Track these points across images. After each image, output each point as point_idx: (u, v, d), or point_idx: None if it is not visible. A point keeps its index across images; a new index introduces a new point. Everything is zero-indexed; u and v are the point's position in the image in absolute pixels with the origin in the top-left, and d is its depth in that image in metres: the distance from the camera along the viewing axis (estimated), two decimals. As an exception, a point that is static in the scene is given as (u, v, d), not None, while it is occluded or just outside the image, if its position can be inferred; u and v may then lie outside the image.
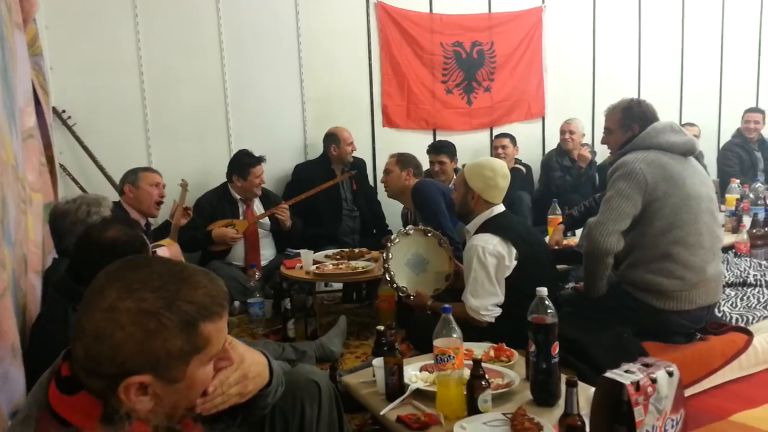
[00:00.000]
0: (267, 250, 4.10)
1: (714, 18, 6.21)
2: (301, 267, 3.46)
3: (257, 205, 4.12)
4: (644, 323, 2.55)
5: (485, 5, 5.25)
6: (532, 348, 1.84)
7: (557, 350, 1.82)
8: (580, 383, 1.62)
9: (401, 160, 3.72)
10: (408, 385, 1.92)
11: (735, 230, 3.89)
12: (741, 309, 2.93)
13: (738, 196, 4.23)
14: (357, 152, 4.58)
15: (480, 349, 2.18)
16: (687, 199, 2.53)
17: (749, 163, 5.61)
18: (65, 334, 1.00)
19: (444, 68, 5.14)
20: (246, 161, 3.98)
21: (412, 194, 3.55)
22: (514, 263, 2.54)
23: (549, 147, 5.46)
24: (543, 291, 1.86)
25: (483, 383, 1.75)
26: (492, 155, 4.96)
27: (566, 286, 3.11)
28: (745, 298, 3.04)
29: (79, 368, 0.97)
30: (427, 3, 5.03)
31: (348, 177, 4.43)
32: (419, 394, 1.90)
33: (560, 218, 3.55)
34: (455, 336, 1.81)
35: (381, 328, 2.27)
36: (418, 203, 3.54)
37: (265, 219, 4.06)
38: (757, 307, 2.93)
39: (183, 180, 3.84)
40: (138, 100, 4.16)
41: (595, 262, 2.58)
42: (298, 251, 3.61)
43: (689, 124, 5.37)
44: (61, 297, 1.77)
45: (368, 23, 4.85)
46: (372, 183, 4.85)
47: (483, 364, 1.82)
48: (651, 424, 1.49)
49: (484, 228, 2.61)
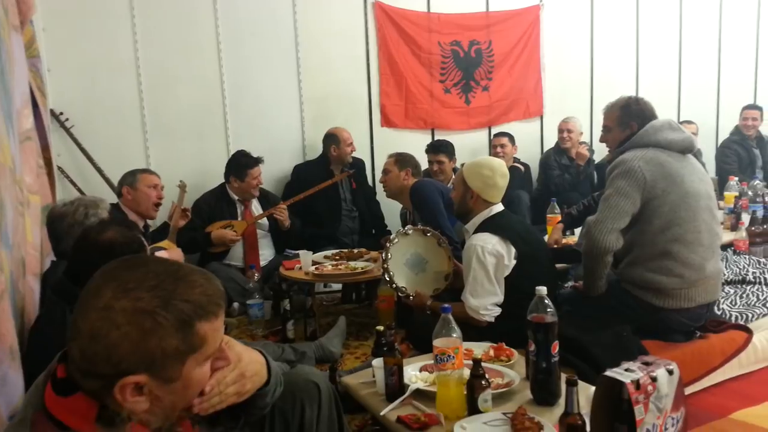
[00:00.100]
0: (265, 251, 4.10)
1: (711, 15, 6.22)
2: (300, 268, 3.46)
3: (255, 206, 4.12)
4: (644, 321, 2.55)
5: (483, 4, 5.25)
6: (532, 347, 1.84)
7: (557, 349, 1.82)
8: (580, 382, 1.62)
9: (400, 160, 3.72)
10: (408, 386, 1.92)
11: (734, 228, 3.89)
12: (740, 307, 2.93)
13: (737, 194, 4.23)
14: (355, 152, 4.58)
15: (480, 349, 2.18)
16: (686, 197, 2.53)
17: (747, 161, 5.61)
18: (63, 336, 0.99)
19: (442, 67, 5.14)
20: (243, 162, 3.97)
21: (411, 194, 3.55)
22: (514, 262, 2.54)
23: (547, 146, 5.45)
24: (542, 290, 1.85)
25: (483, 383, 1.75)
26: (491, 154, 4.95)
27: (565, 285, 3.11)
28: (745, 296, 3.04)
29: (75, 369, 0.96)
30: (425, 2, 5.02)
31: (346, 176, 4.43)
32: (419, 395, 1.90)
33: (559, 217, 3.55)
34: (455, 336, 1.80)
35: (380, 329, 2.27)
36: (417, 203, 3.54)
37: (264, 219, 4.05)
38: (757, 305, 2.93)
39: (181, 181, 3.84)
40: (135, 101, 4.15)
41: (595, 261, 2.58)
42: (297, 252, 3.61)
43: (687, 122, 5.37)
44: (59, 299, 1.77)
45: (366, 23, 4.84)
46: (371, 183, 4.84)
47: (483, 364, 1.82)
48: (651, 423, 1.49)
49: (483, 227, 2.60)
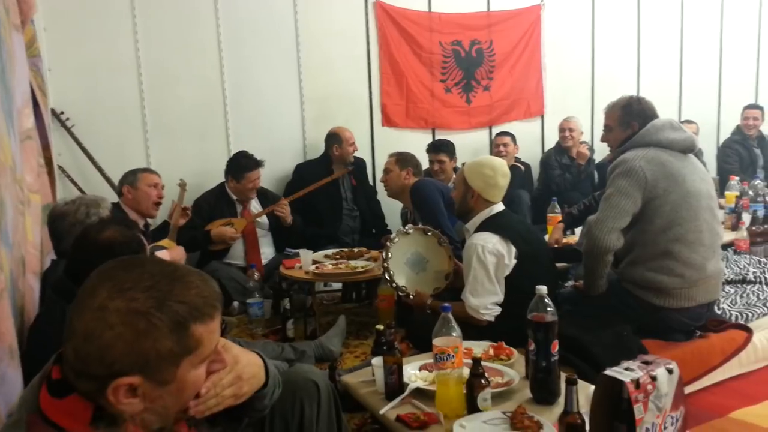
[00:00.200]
0: (266, 249, 4.10)
1: (713, 15, 6.21)
2: (301, 267, 3.45)
3: (255, 205, 4.11)
4: (644, 321, 2.55)
5: (484, 4, 5.24)
6: (532, 346, 1.84)
7: (557, 348, 1.82)
8: (580, 381, 1.62)
9: (400, 160, 3.72)
10: (407, 384, 1.92)
11: (734, 227, 3.89)
12: (740, 306, 2.92)
13: (737, 194, 4.23)
14: (356, 152, 4.57)
15: (479, 348, 2.18)
16: (687, 197, 2.53)
17: (749, 160, 5.60)
18: (63, 336, 0.99)
19: (443, 67, 5.14)
20: (243, 164, 3.95)
21: (411, 193, 3.55)
22: (514, 262, 2.54)
23: (548, 145, 5.45)
24: (542, 289, 1.85)
25: (482, 382, 1.75)
26: (492, 153, 4.96)
27: (566, 285, 3.10)
28: (745, 296, 3.03)
29: (69, 369, 0.96)
30: (426, 2, 5.02)
31: (346, 173, 4.42)
32: (419, 393, 1.90)
33: (560, 216, 3.55)
34: (455, 335, 1.80)
35: (380, 328, 2.26)
36: (417, 202, 3.53)
37: (264, 218, 4.05)
38: (757, 305, 2.92)
39: (181, 180, 3.84)
40: (136, 101, 4.15)
41: (595, 260, 2.58)
42: (297, 251, 3.61)
43: (687, 121, 5.37)
44: (59, 298, 1.77)
45: (367, 22, 4.84)
46: (371, 182, 4.84)
47: (482, 363, 1.82)
48: (651, 422, 1.49)
49: (484, 227, 2.60)
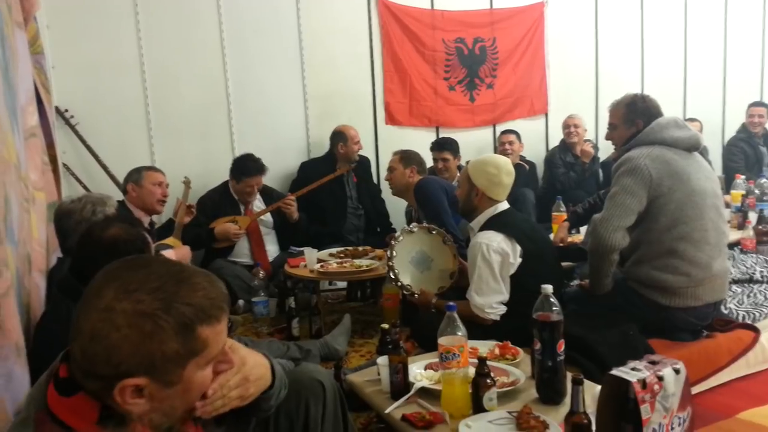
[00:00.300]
0: (270, 247, 4.09)
1: (717, 12, 6.18)
2: (305, 265, 3.45)
3: (258, 204, 4.10)
4: (650, 320, 2.54)
5: (487, 1, 5.23)
6: (538, 346, 1.84)
7: (562, 348, 1.82)
8: (586, 381, 1.62)
9: (405, 158, 3.71)
10: (413, 384, 1.92)
11: (741, 226, 3.87)
12: (747, 306, 2.91)
13: (743, 192, 4.21)
14: (361, 150, 4.57)
15: (485, 347, 2.18)
16: (692, 195, 2.52)
17: (754, 159, 5.58)
18: (69, 333, 0.99)
19: (446, 65, 5.12)
20: (245, 168, 3.92)
21: (415, 192, 3.54)
22: (519, 261, 2.53)
23: (552, 143, 5.43)
24: (548, 288, 1.85)
25: (488, 381, 1.75)
26: (497, 151, 4.95)
27: (571, 284, 3.09)
28: (752, 295, 3.02)
29: (77, 368, 0.96)
30: (429, -1, 5.02)
31: (348, 170, 4.42)
32: (424, 393, 1.90)
33: (564, 215, 3.54)
34: (460, 334, 1.80)
35: (385, 327, 2.26)
36: (421, 200, 3.53)
37: (268, 216, 4.05)
38: (764, 304, 2.90)
39: (186, 177, 3.84)
40: (140, 99, 4.15)
41: (600, 259, 2.57)
42: (302, 249, 3.61)
43: (691, 119, 5.34)
44: (65, 296, 1.77)
45: (369, 20, 4.83)
46: (375, 181, 4.84)
47: (488, 362, 1.81)
48: (658, 422, 1.48)
49: (488, 225, 2.60)
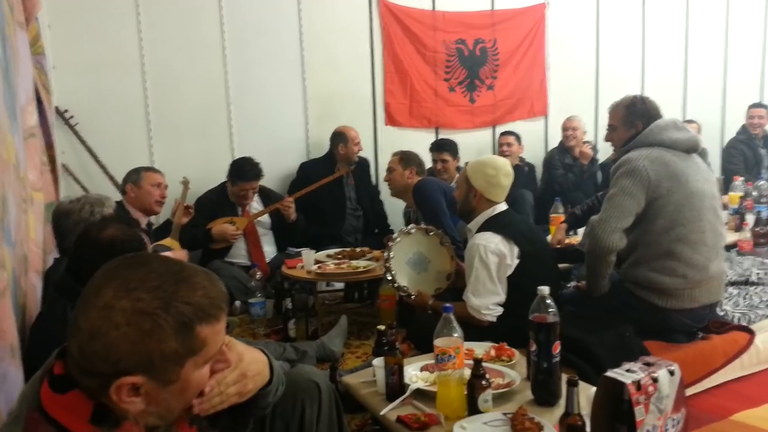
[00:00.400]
0: (267, 248, 4.09)
1: (718, 14, 6.18)
2: (303, 266, 3.45)
3: (255, 206, 4.09)
4: (646, 322, 2.54)
5: (488, 2, 5.23)
6: (534, 347, 1.84)
7: (558, 349, 1.82)
8: (581, 383, 1.62)
9: (404, 159, 3.71)
10: (408, 385, 1.92)
11: (738, 228, 3.88)
12: (743, 308, 2.91)
13: (741, 194, 4.21)
14: (361, 151, 4.57)
15: (481, 349, 2.17)
16: (690, 197, 2.52)
17: (753, 161, 5.58)
18: (64, 334, 0.99)
19: (447, 66, 5.13)
20: (241, 172, 3.89)
21: (413, 193, 3.54)
22: (516, 262, 2.53)
23: (551, 145, 5.43)
24: (545, 290, 1.85)
25: (484, 383, 1.75)
26: (496, 153, 4.95)
27: (568, 285, 3.10)
28: (748, 297, 3.03)
29: (74, 366, 0.96)
30: (430, 0, 5.00)
31: (347, 173, 4.42)
32: (419, 394, 1.90)
33: (563, 217, 3.54)
34: (456, 335, 1.80)
35: (382, 328, 2.27)
36: (419, 201, 3.53)
37: (265, 217, 4.05)
38: (760, 306, 2.92)
39: (184, 178, 3.83)
40: (140, 99, 4.16)
41: (598, 260, 2.57)
42: (299, 250, 3.61)
43: (689, 121, 5.34)
44: (61, 296, 1.77)
45: (371, 20, 4.84)
46: (375, 182, 4.84)
47: (484, 364, 1.82)
48: (652, 424, 1.49)
49: (486, 226, 2.60)
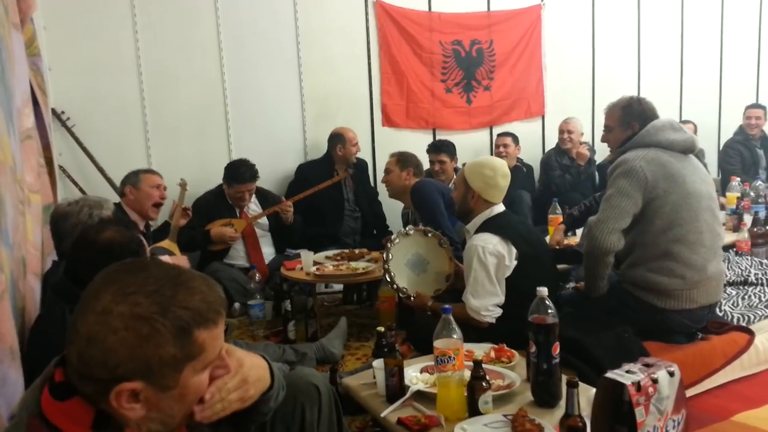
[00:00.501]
0: (265, 249, 4.09)
1: (713, 15, 6.21)
2: (302, 268, 3.45)
3: (253, 207, 4.09)
4: (645, 323, 2.54)
5: (484, 3, 5.24)
6: (533, 349, 1.84)
7: (558, 351, 1.82)
8: (581, 384, 1.62)
9: (401, 160, 3.71)
10: (408, 387, 1.92)
11: (736, 229, 3.89)
12: (742, 308, 2.92)
13: (739, 195, 4.22)
14: (359, 152, 4.57)
15: (480, 350, 2.17)
16: (687, 197, 2.52)
17: (751, 161, 5.59)
18: (63, 336, 0.99)
19: (443, 67, 5.13)
20: (237, 174, 3.90)
21: (411, 194, 3.54)
22: (515, 263, 2.53)
23: (549, 146, 5.45)
24: (543, 291, 1.85)
25: (484, 384, 1.75)
26: (494, 154, 4.95)
27: (567, 286, 3.10)
28: (747, 297, 3.03)
29: (73, 372, 0.96)
30: (426, 1, 5.02)
31: (347, 176, 4.42)
32: (420, 396, 1.89)
33: (561, 217, 3.55)
34: (455, 337, 1.80)
35: (381, 330, 2.26)
36: (417, 203, 3.53)
37: (263, 218, 4.04)
38: (759, 306, 2.92)
39: (182, 179, 3.82)
40: (137, 100, 4.15)
41: (596, 261, 2.57)
42: (298, 252, 3.60)
43: (685, 122, 5.36)
44: (59, 299, 1.76)
45: (367, 21, 4.84)
46: (372, 183, 4.84)
47: (483, 365, 1.82)
48: (652, 425, 1.48)
49: (484, 227, 2.60)
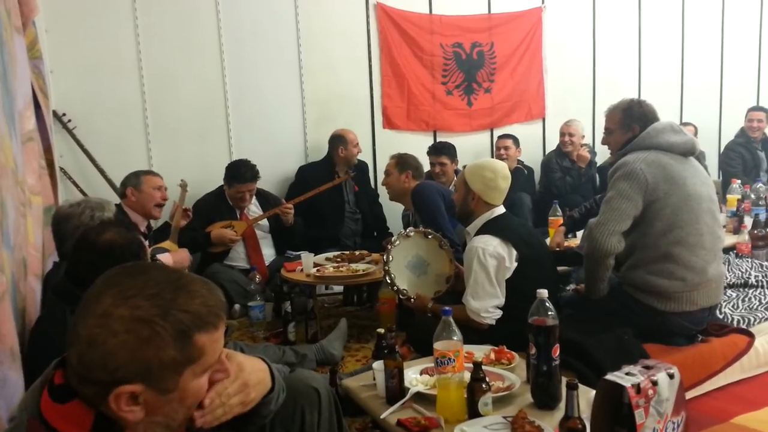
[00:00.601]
0: (266, 251, 4.08)
1: (714, 17, 6.21)
2: (302, 270, 3.45)
3: (253, 209, 4.09)
4: (645, 325, 2.54)
5: (485, 6, 5.25)
6: (533, 350, 1.84)
7: (558, 353, 1.82)
8: (581, 386, 1.62)
9: (400, 162, 3.70)
10: (408, 389, 1.92)
11: (736, 231, 3.89)
12: (742, 310, 2.92)
13: (739, 197, 4.22)
14: (360, 153, 4.58)
15: (480, 352, 2.17)
16: (687, 200, 2.53)
17: (752, 163, 5.59)
18: (64, 338, 0.99)
19: (444, 69, 5.14)
20: (237, 174, 3.90)
21: (412, 196, 3.54)
22: (515, 265, 2.53)
23: (549, 148, 5.45)
24: (543, 293, 1.85)
25: (483, 386, 1.75)
26: (494, 156, 4.96)
27: (567, 288, 3.10)
28: (747, 300, 3.03)
29: (73, 374, 0.96)
30: (427, 4, 5.03)
31: (348, 178, 4.42)
32: (420, 398, 1.89)
33: (561, 219, 3.55)
34: (456, 339, 1.80)
35: (381, 331, 2.26)
36: (417, 205, 3.53)
37: (264, 220, 4.04)
38: (759, 309, 2.92)
39: (182, 180, 3.82)
40: (138, 103, 4.16)
41: (596, 263, 2.57)
42: (299, 253, 3.60)
43: (685, 124, 5.36)
44: (60, 300, 1.77)
45: (368, 24, 4.85)
46: (373, 185, 4.84)
47: (483, 367, 1.82)
48: (652, 427, 1.49)
49: (485, 229, 2.60)
